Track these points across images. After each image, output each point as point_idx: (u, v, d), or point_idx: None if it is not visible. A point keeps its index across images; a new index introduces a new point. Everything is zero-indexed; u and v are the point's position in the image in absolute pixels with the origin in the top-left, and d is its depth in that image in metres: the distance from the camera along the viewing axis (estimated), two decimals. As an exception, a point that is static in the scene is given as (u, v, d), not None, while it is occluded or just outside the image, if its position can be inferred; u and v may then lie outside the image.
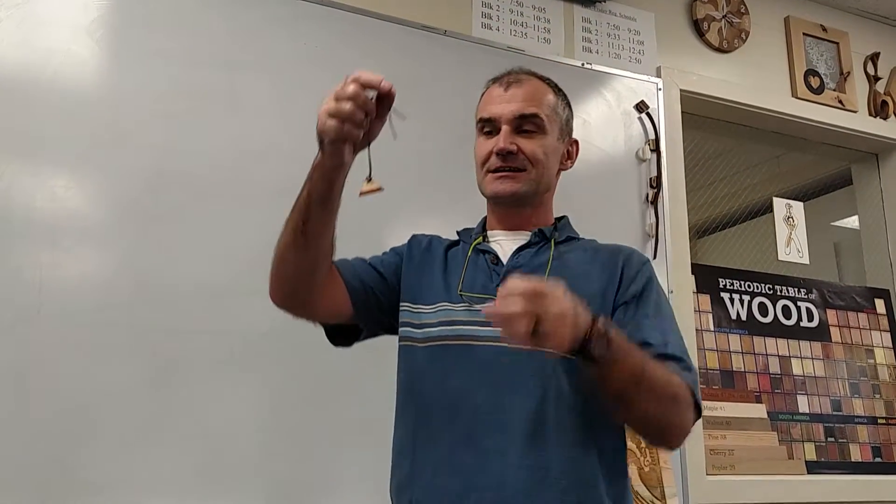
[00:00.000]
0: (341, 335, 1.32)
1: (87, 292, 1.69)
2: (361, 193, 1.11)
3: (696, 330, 2.47)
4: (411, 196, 2.01)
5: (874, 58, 3.03)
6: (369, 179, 1.12)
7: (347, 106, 1.05)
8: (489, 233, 1.34)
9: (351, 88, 1.05)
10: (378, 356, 1.90)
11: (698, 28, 2.71)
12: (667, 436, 1.16)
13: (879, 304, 2.87)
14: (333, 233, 1.19)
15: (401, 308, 1.29)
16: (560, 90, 1.36)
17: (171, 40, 1.88)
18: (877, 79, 3.01)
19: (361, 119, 1.06)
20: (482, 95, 1.36)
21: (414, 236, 1.39)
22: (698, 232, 2.83)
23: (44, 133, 1.72)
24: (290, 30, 2.01)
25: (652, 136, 2.44)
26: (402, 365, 1.28)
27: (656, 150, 2.43)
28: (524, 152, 1.26)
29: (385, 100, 1.09)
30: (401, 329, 1.29)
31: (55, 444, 1.60)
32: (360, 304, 1.27)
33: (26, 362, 1.61)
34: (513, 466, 1.12)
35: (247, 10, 1.98)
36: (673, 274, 2.36)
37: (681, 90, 2.58)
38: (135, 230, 1.76)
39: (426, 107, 2.11)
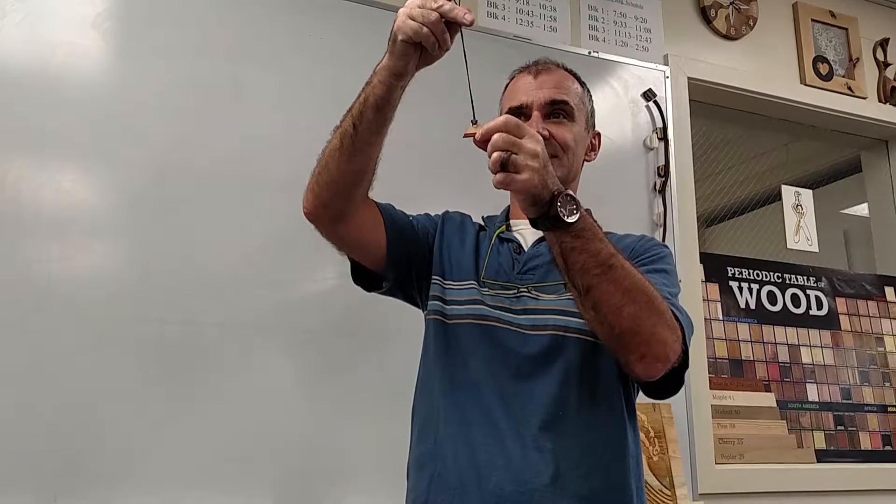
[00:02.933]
0: (363, 278, 1.31)
1: (95, 285, 1.70)
2: (465, 135, 1.08)
3: (705, 319, 2.46)
4: (416, 187, 2.00)
5: (883, 44, 3.00)
6: (475, 122, 1.10)
7: (433, 16, 1.04)
8: (512, 221, 1.35)
9: (439, 1, 1.05)
10: (386, 348, 1.91)
11: (705, 15, 2.69)
12: (642, 347, 1.06)
13: (889, 292, 2.86)
14: (380, 151, 1.18)
15: (432, 281, 1.30)
16: (584, 83, 1.38)
17: (176, 33, 1.88)
18: (886, 65, 2.98)
19: (442, 29, 1.05)
20: (507, 85, 1.38)
21: (447, 212, 1.40)
22: (706, 220, 2.82)
23: (50, 127, 1.72)
24: (295, 22, 2.01)
25: (659, 124, 2.43)
26: (429, 339, 1.29)
27: (664, 138, 2.42)
28: (556, 138, 1.26)
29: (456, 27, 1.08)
30: (430, 302, 1.29)
31: (66, 438, 1.61)
32: (394, 244, 1.26)
33: (36, 355, 1.62)
34: (534, 450, 1.13)
35: (251, 3, 1.97)
36: (681, 263, 2.35)
37: (688, 78, 2.56)
38: (142, 223, 1.76)
39: (431, 96, 2.11)
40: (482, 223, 1.39)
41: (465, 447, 1.16)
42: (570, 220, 1.00)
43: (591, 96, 1.39)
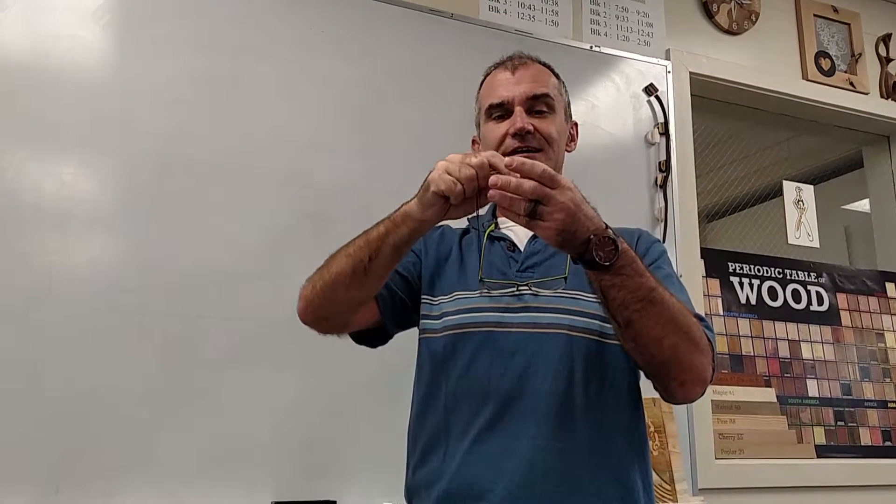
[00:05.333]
0: (366, 338, 1.32)
1: (96, 278, 1.70)
2: None
3: (706, 314, 2.46)
4: (418, 181, 2.00)
5: (886, 39, 3.00)
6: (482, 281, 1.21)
7: (469, 171, 1.03)
8: (500, 219, 1.34)
9: (477, 160, 1.04)
10: (390, 342, 1.91)
11: (707, 10, 2.68)
12: (683, 374, 1.10)
13: (890, 288, 2.86)
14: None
15: (421, 301, 1.30)
16: (558, 74, 1.38)
17: (177, 26, 1.87)
18: (888, 60, 2.97)
19: (475, 188, 1.04)
20: (483, 82, 1.37)
21: None
22: (707, 216, 2.81)
23: (51, 120, 1.72)
24: (296, 15, 2.00)
25: (661, 119, 2.43)
26: (424, 357, 1.28)
27: (665, 133, 2.41)
28: (540, 132, 1.27)
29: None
30: (420, 322, 1.29)
31: (68, 430, 1.61)
32: (388, 312, 1.27)
33: (37, 348, 1.62)
34: (541, 449, 1.13)
35: (253, -5, 1.97)
36: (682, 258, 2.35)
37: (690, 73, 2.56)
38: (143, 216, 1.76)
39: (432, 91, 2.11)
40: (466, 225, 1.37)
41: (471, 457, 1.15)
42: (606, 263, 1.01)
43: (566, 87, 1.38)
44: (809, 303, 2.69)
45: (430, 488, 1.19)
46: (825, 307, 2.71)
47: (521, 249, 1.28)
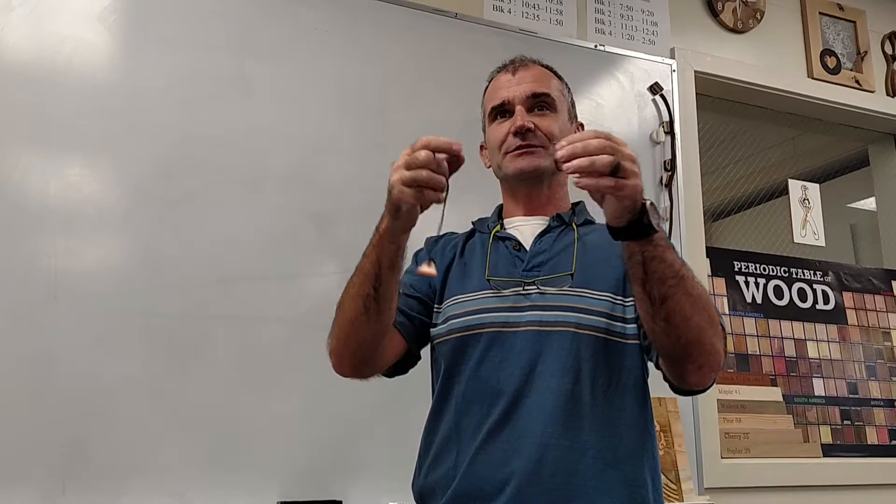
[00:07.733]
0: (398, 369, 1.31)
1: (101, 278, 1.70)
2: (420, 273, 1.13)
3: (712, 313, 2.46)
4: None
5: (892, 37, 2.99)
6: (432, 260, 1.16)
7: (424, 173, 1.02)
8: (506, 220, 1.35)
9: (423, 155, 1.02)
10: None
11: (712, 8, 2.68)
12: (702, 357, 1.08)
13: (896, 286, 2.86)
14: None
15: (434, 310, 1.30)
16: (561, 76, 1.39)
17: (183, 26, 1.88)
18: (894, 58, 2.96)
19: (442, 184, 1.03)
20: (487, 87, 1.38)
21: (427, 241, 1.39)
22: (713, 215, 2.81)
23: (57, 120, 1.72)
24: (301, 15, 2.00)
25: (666, 118, 2.42)
26: (436, 362, 1.29)
27: (670, 132, 2.41)
28: (542, 129, 1.27)
29: (455, 161, 1.05)
30: (432, 330, 1.29)
31: (73, 429, 1.62)
32: (412, 338, 1.28)
33: (43, 349, 1.63)
34: (550, 447, 1.13)
35: (257, -5, 1.97)
36: (687, 257, 2.33)
37: (695, 71, 2.55)
38: (148, 216, 1.76)
39: (437, 91, 2.11)
40: (471, 228, 1.38)
41: (482, 456, 1.16)
42: (658, 228, 1.01)
43: (569, 89, 1.39)
44: (815, 301, 2.69)
45: (443, 490, 1.19)
46: (831, 306, 2.71)
47: (527, 249, 1.28)
